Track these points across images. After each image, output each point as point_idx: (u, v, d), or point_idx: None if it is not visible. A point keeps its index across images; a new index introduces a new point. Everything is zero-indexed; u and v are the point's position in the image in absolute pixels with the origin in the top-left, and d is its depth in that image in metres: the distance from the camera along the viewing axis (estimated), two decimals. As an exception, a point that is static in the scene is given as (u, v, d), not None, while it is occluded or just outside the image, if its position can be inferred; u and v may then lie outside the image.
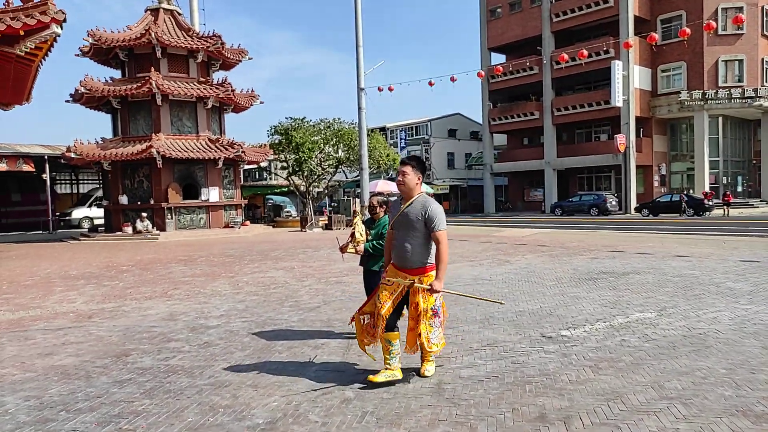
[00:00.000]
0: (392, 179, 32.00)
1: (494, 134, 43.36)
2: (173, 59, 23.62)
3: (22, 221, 31.10)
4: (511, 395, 3.73)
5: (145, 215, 22.07)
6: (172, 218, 22.71)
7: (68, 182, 37.57)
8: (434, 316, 4.01)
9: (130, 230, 21.96)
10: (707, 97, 33.43)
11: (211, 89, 23.62)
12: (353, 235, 5.25)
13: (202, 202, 23.69)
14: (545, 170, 38.91)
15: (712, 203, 27.69)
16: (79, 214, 30.98)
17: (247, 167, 35.51)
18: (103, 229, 25.59)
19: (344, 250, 5.31)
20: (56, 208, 30.29)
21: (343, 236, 6.45)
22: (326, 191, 34.59)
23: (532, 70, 37.67)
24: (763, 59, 34.50)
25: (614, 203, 32.83)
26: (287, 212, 34.71)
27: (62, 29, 10.75)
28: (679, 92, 34.30)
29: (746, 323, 5.45)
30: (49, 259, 14.79)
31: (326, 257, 12.80)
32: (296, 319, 6.37)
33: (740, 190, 37.15)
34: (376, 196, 5.17)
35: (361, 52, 23.24)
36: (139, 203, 22.81)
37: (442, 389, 3.88)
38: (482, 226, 24.96)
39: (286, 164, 29.52)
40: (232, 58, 25.19)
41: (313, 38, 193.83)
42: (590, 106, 35.93)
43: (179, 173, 23.29)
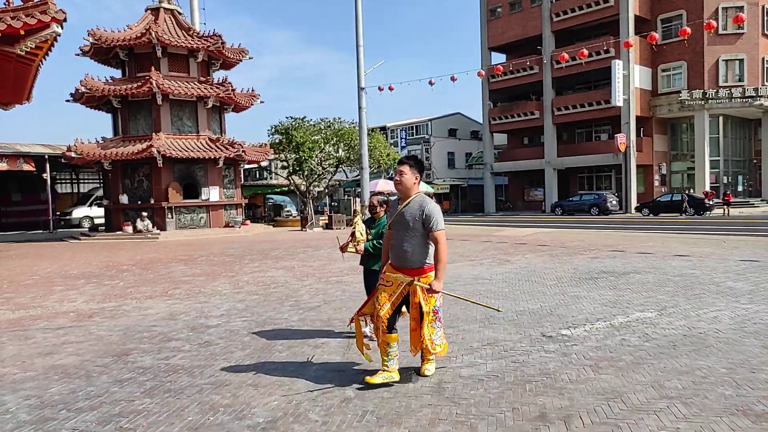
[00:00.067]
0: (392, 179, 31.90)
1: (494, 134, 43.36)
2: (173, 59, 23.61)
3: (22, 221, 31.09)
4: (511, 394, 3.73)
5: (145, 215, 22.06)
6: (172, 218, 22.72)
7: (69, 182, 37.56)
8: (435, 317, 4.03)
9: (130, 230, 21.96)
10: (708, 96, 33.41)
11: (211, 89, 23.61)
12: (353, 234, 5.25)
13: (202, 201, 23.69)
14: (545, 170, 38.90)
15: (712, 203, 27.70)
16: (79, 213, 30.94)
17: (247, 167, 35.51)
18: (103, 228, 25.59)
19: (344, 249, 5.32)
20: (56, 207, 30.23)
21: (343, 236, 6.46)
22: (326, 191, 34.57)
23: (532, 69, 37.66)
24: (763, 58, 34.46)
25: (614, 203, 32.79)
26: (287, 212, 34.66)
27: (62, 29, 10.76)
28: (679, 92, 34.28)
29: (746, 323, 5.45)
30: (49, 258, 14.79)
31: (326, 257, 12.80)
32: (296, 318, 6.37)
33: (741, 189, 37.14)
34: (376, 195, 5.18)
35: (361, 51, 23.30)
36: (139, 203, 22.81)
37: (442, 388, 3.89)
38: (482, 225, 24.95)
39: (286, 164, 29.52)
40: (232, 57, 25.18)
41: (313, 38, 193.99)
42: (590, 105, 35.92)
43: (179, 173, 23.29)
